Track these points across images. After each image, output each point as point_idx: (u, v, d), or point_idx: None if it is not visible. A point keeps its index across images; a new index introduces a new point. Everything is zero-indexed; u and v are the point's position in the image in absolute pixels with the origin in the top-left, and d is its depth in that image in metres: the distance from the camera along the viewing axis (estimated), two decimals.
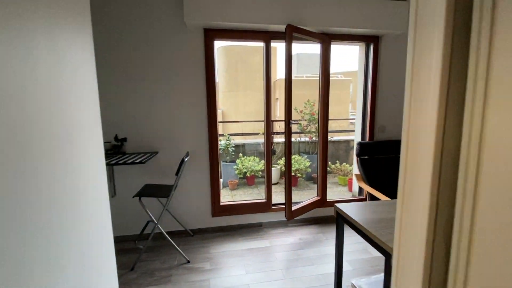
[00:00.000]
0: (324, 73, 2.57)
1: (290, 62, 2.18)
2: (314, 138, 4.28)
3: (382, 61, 2.69)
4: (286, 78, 2.20)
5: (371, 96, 2.72)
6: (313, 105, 4.23)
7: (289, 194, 2.37)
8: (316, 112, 4.20)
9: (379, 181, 2.56)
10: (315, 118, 4.16)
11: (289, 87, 2.22)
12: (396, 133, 2.85)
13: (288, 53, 2.17)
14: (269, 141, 2.58)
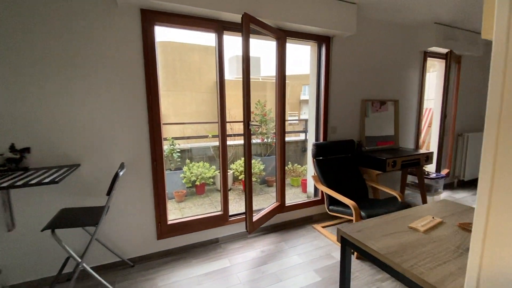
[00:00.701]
0: (280, 72, 2.42)
1: (247, 58, 1.94)
2: (266, 139, 4.16)
3: (333, 62, 2.70)
4: (244, 76, 1.95)
5: (324, 97, 2.71)
6: (264, 105, 4.10)
7: (249, 203, 2.12)
8: (267, 113, 4.09)
9: (335, 181, 2.56)
10: (266, 119, 4.05)
11: (247, 87, 1.98)
12: (346, 133, 2.92)
13: (245, 48, 1.92)
14: (225, 144, 2.29)
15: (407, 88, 3.32)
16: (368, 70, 2.96)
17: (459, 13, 2.77)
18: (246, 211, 2.12)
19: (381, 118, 3.11)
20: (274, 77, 2.51)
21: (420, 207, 1.54)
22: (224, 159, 2.29)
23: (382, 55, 3.03)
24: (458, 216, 1.36)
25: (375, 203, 2.35)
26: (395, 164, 2.64)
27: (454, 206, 1.52)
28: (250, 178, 2.16)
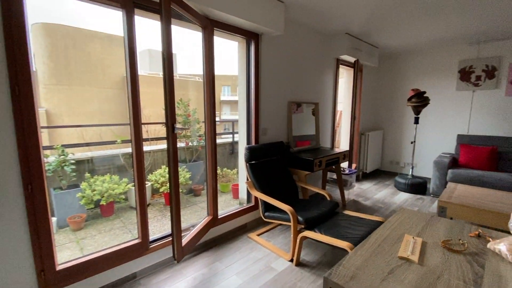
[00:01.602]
0: (208, 68, 2.12)
1: (169, 46, 1.56)
2: (191, 143, 3.73)
3: (263, 61, 2.59)
4: (165, 69, 1.56)
5: (255, 98, 2.56)
6: (187, 105, 3.66)
7: (177, 224, 1.74)
8: (192, 113, 3.67)
9: (269, 186, 2.45)
10: (190, 121, 3.63)
11: (170, 82, 1.59)
12: (275, 135, 2.87)
13: (166, 33, 1.53)
14: (141, 151, 1.82)
15: (324, 91, 3.57)
16: (293, 72, 3.00)
17: (363, 27, 3.13)
18: (173, 234, 1.73)
19: (297, 119, 3.18)
20: (194, 75, 2.19)
21: (388, 221, 1.35)
22: (140, 169, 1.81)
23: (305, 59, 3.14)
24: (426, 228, 1.25)
25: (308, 205, 2.35)
26: (321, 164, 2.75)
27: (413, 215, 1.40)
28: (177, 193, 1.77)
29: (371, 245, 1.08)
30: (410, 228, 1.20)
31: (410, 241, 1.07)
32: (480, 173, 3.31)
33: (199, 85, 10.25)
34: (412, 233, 1.13)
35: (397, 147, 4.86)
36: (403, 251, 1.01)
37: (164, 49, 1.54)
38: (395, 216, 1.33)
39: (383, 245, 1.02)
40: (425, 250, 1.02)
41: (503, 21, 2.91)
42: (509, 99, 3.70)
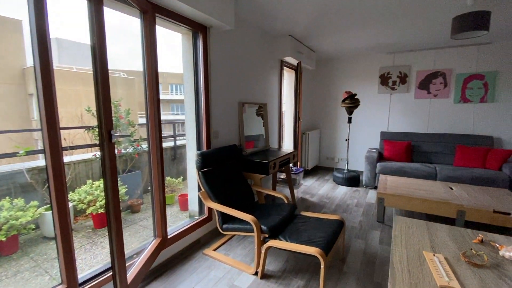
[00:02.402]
0: (149, 61, 1.77)
1: (101, 29, 1.19)
2: (124, 150, 3.15)
3: (213, 58, 2.36)
4: (96, 60, 1.19)
5: (205, 98, 2.31)
6: (118, 105, 3.07)
7: (120, 254, 1.37)
8: (124, 114, 3.10)
9: (226, 194, 2.25)
10: (123, 123, 3.06)
11: (104, 77, 1.23)
12: (227, 138, 2.68)
13: (97, 18, 1.17)
14: (60, 163, 1.36)
15: (271, 92, 3.56)
16: (243, 72, 2.86)
17: (305, 31, 3.24)
18: (114, 269, 1.36)
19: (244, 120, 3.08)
20: (119, 70, 1.81)
21: (394, 237, 1.20)
22: (60, 187, 1.36)
23: (253, 59, 3.04)
24: (432, 238, 1.18)
25: (266, 210, 2.26)
26: (275, 166, 2.70)
27: (411, 224, 1.30)
28: (118, 215, 1.40)
29: (401, 272, 0.93)
30: (419, 241, 1.11)
31: (434, 260, 0.97)
32: (401, 164, 3.86)
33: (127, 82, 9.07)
34: (426, 248, 1.05)
35: (332, 144, 5.29)
36: (439, 277, 0.90)
37: (94, 36, 1.17)
38: (397, 228, 1.22)
39: (413, 271, 0.91)
40: (455, 270, 0.93)
41: (411, 36, 3.45)
42: (418, 101, 4.45)
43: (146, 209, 3.21)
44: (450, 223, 2.84)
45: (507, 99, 3.84)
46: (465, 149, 3.81)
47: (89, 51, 1.28)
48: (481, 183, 3.34)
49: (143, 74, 1.80)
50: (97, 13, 1.21)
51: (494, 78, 3.88)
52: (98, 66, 1.20)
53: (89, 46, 1.29)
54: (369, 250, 2.29)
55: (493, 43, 3.83)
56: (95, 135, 3.00)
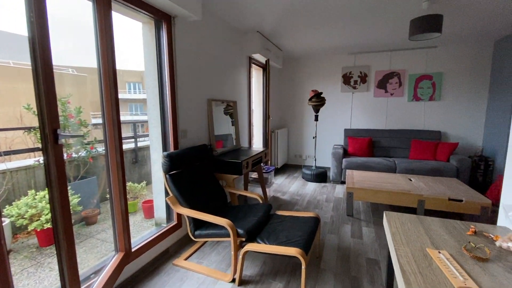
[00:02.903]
0: (105, 54, 1.53)
1: (42, 20, 0.97)
2: (76, 154, 2.75)
3: (178, 51, 2.17)
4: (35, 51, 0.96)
5: (171, 94, 2.12)
6: (67, 102, 2.66)
7: (73, 277, 1.14)
8: (74, 113, 2.70)
9: (198, 198, 2.08)
10: (73, 123, 2.67)
11: (47, 70, 1.00)
12: (196, 137, 2.51)
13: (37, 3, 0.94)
14: None
15: (241, 90, 3.45)
16: (211, 68, 2.71)
17: (272, 28, 3.20)
18: None
19: None
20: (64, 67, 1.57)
21: (393, 234, 1.09)
22: None
23: (222, 54, 2.90)
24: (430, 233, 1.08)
25: (241, 212, 2.15)
26: (248, 165, 2.61)
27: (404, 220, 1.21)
28: (69, 227, 1.17)
29: (413, 276, 0.83)
30: (418, 237, 1.03)
31: (441, 258, 0.90)
32: (364, 159, 4.07)
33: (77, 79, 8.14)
34: (427, 244, 0.98)
35: (299, 142, 5.38)
36: (453, 278, 0.84)
37: (33, 26, 0.94)
38: (392, 225, 1.13)
39: (425, 274, 0.83)
40: (464, 267, 0.87)
41: (370, 37, 3.64)
42: (377, 100, 4.73)
43: (105, 219, 2.86)
44: (411, 212, 3.05)
45: (451, 97, 4.29)
46: (418, 143, 4.16)
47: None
48: (434, 173, 3.66)
49: (98, 69, 1.55)
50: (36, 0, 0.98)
51: (441, 78, 4.30)
52: (39, 59, 0.98)
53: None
54: (343, 244, 2.33)
55: (438, 47, 4.24)
56: (37, 137, 2.57)
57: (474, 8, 2.62)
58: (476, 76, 4.12)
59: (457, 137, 4.32)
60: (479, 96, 4.13)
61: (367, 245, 2.31)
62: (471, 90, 4.17)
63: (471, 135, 4.26)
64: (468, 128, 4.26)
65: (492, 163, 3.84)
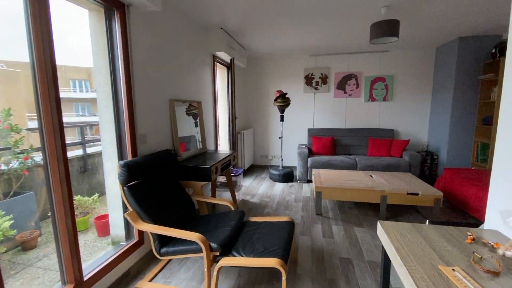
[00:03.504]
0: (41, 48, 1.24)
1: None
2: (6, 166, 2.24)
3: (134, 45, 1.91)
4: None
5: (127, 93, 1.85)
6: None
7: None
8: (2, 117, 2.21)
9: (163, 212, 1.86)
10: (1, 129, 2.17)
11: None
12: (157, 142, 2.27)
13: None
14: None
15: (205, 89, 3.26)
16: (173, 65, 2.48)
17: (236, 25, 3.08)
18: None
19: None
20: None
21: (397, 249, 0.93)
22: None
23: (184, 51, 2.68)
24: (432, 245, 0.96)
25: (212, 222, 1.99)
26: (217, 170, 2.45)
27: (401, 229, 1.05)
28: None
29: None
30: (423, 251, 0.90)
31: (458, 277, 0.79)
32: (328, 158, 4.20)
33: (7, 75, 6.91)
34: (434, 259, 0.86)
35: (265, 142, 5.36)
36: None
37: None
38: (392, 238, 0.97)
39: None
40: (483, 285, 0.76)
41: (331, 40, 3.77)
42: (337, 100, 4.94)
43: (48, 241, 2.42)
44: (374, 207, 3.22)
45: (401, 98, 4.68)
46: (375, 141, 4.44)
47: None
48: (390, 169, 3.94)
49: (30, 64, 1.26)
50: None
51: (392, 80, 4.66)
52: None
53: None
54: (316, 245, 2.32)
55: (390, 51, 4.58)
56: None
57: (422, 17, 2.85)
58: (421, 79, 4.55)
59: (407, 134, 4.74)
60: (424, 97, 4.59)
61: (338, 244, 2.34)
62: (418, 91, 4.60)
63: (418, 133, 4.70)
64: (416, 126, 4.69)
65: (436, 157, 4.28)
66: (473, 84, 3.76)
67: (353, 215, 2.98)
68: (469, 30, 3.40)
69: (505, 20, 3.03)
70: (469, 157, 3.94)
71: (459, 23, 3.11)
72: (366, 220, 2.84)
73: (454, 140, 3.95)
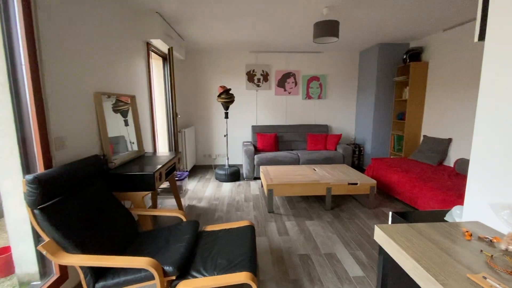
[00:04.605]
0: None
1: None
2: None
3: (43, 22, 1.42)
4: None
5: (34, 86, 1.37)
6: None
7: None
8: None
9: (93, 236, 1.46)
10: None
11: None
12: (82, 147, 1.80)
13: None
14: None
15: (139, 82, 2.80)
16: (97, 52, 2.00)
17: (172, 11, 2.75)
18: None
19: None
20: None
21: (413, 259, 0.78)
22: None
23: (113, 35, 2.20)
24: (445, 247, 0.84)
25: (162, 239, 1.70)
26: (161, 176, 2.12)
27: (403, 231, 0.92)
28: None
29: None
30: (440, 258, 0.77)
31: (494, 285, 0.69)
32: (273, 154, 4.25)
33: None
34: (456, 266, 0.74)
35: (208, 141, 5.09)
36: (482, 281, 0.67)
37: None
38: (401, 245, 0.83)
39: None
40: None
41: (272, 37, 3.79)
42: (278, 97, 5.04)
43: None
44: (319, 199, 3.39)
45: (333, 96, 5.11)
46: (312, 136, 4.73)
47: None
48: (328, 161, 4.25)
49: None
50: None
51: (325, 80, 5.04)
52: None
53: None
54: (274, 245, 2.27)
55: (323, 52, 4.93)
56: None
57: (353, 21, 3.11)
58: (349, 79, 5.06)
59: (339, 129, 5.22)
60: (351, 95, 5.12)
61: (295, 241, 2.34)
62: (346, 90, 5.10)
63: (347, 127, 5.23)
64: (345, 121, 5.21)
65: (363, 149, 4.85)
66: (390, 85, 4.38)
67: (302, 209, 3.07)
68: (386, 37, 3.92)
69: (412, 31, 3.60)
70: (387, 147, 4.59)
71: (378, 31, 3.53)
72: (314, 213, 2.96)
73: (376, 133, 4.54)
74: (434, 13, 2.87)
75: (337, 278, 1.83)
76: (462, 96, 3.34)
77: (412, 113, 4.05)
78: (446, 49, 3.56)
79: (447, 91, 3.58)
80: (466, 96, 3.27)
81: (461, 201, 2.32)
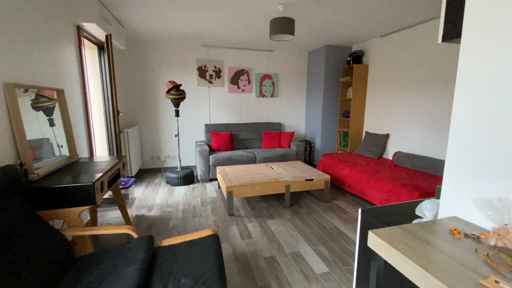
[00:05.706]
0: None
1: None
2: None
3: None
4: None
5: None
6: None
7: None
8: None
9: (13, 272, 1.11)
10: None
11: None
12: None
13: None
14: None
15: (69, 73, 2.32)
16: (10, 32, 1.54)
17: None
18: None
19: None
20: None
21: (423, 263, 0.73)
22: None
23: (33, 14, 1.73)
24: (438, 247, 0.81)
25: (108, 263, 1.41)
26: (103, 186, 1.78)
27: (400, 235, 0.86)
28: None
29: None
30: (446, 263, 0.72)
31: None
32: (229, 153, 4.11)
33: None
34: (463, 271, 0.69)
35: (156, 141, 4.64)
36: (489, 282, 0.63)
37: None
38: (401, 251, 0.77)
39: None
40: None
41: (224, 30, 3.64)
42: (231, 95, 4.90)
43: None
44: (278, 198, 3.39)
45: (285, 94, 5.22)
46: (267, 134, 4.75)
47: None
48: (283, 158, 4.31)
49: None
50: None
51: (277, 78, 5.11)
52: None
53: None
54: (237, 251, 2.15)
55: (274, 51, 4.98)
56: None
57: (305, 21, 3.18)
58: (299, 79, 5.23)
59: (291, 127, 5.37)
60: (301, 94, 5.31)
61: (259, 243, 2.26)
62: (296, 89, 5.27)
63: (298, 125, 5.42)
64: (297, 119, 5.39)
65: (313, 145, 5.09)
66: (336, 85, 4.67)
67: (262, 208, 3.03)
68: (333, 40, 4.15)
69: (354, 35, 3.88)
70: (335, 143, 4.91)
71: (327, 33, 3.71)
72: (275, 211, 2.95)
73: (325, 130, 4.81)
74: (373, 20, 3.13)
75: (305, 278, 1.81)
76: (396, 96, 3.75)
77: (355, 111, 4.40)
78: (383, 53, 3.95)
79: (384, 91, 3.98)
80: (401, 97, 3.69)
81: (404, 190, 2.58)
